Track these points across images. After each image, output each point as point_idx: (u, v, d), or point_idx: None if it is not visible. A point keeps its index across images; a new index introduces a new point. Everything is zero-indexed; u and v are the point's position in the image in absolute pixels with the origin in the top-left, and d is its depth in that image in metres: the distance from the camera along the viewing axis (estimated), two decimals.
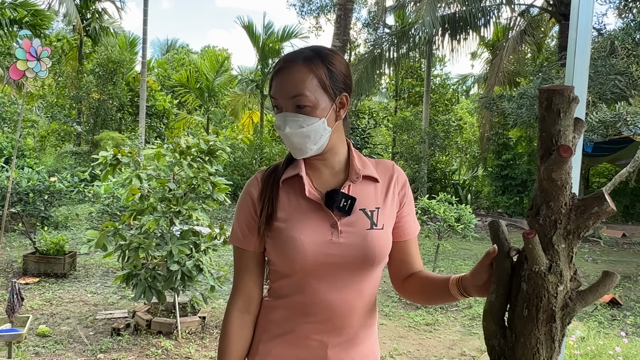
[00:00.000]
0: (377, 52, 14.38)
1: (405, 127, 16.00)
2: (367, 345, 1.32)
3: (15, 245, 7.73)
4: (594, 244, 10.54)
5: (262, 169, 1.36)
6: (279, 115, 1.23)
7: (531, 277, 0.94)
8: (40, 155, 15.71)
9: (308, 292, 1.25)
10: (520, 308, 0.96)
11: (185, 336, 4.38)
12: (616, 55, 8.34)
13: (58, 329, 4.53)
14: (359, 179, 1.28)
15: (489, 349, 1.02)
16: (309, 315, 1.26)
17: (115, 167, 4.30)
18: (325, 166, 1.30)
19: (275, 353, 1.29)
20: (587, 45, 2.28)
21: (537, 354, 0.95)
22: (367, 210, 1.27)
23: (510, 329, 0.99)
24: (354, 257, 1.23)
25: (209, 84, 20.28)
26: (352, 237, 1.24)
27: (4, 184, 6.72)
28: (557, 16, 13.68)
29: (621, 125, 7.15)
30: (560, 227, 0.94)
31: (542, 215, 0.94)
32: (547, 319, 0.94)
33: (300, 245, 1.22)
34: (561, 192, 0.93)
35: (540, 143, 0.94)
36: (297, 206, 1.26)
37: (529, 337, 0.95)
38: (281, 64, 1.23)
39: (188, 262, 4.21)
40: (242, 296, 1.32)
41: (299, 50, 1.27)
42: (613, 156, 12.96)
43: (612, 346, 4.26)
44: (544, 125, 0.93)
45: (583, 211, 0.94)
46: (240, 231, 1.32)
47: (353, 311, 1.26)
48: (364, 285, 1.27)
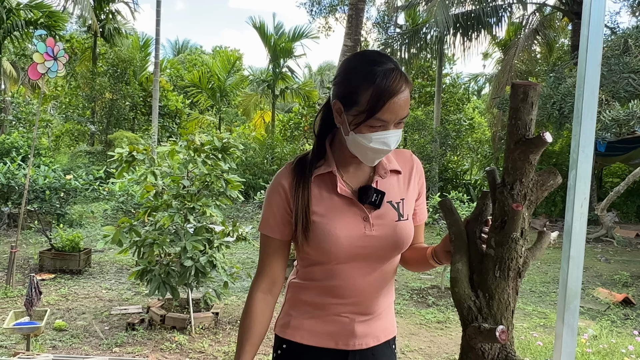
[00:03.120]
0: (388, 52, 14.38)
1: (417, 126, 15.97)
2: (387, 320, 1.46)
3: (32, 242, 7.86)
4: (607, 244, 10.46)
5: (290, 162, 1.41)
6: (389, 133, 1.25)
7: (505, 242, 1.09)
8: (54, 155, 15.91)
9: (339, 277, 1.34)
10: (492, 271, 1.10)
11: (199, 331, 4.44)
12: (630, 53, 8.28)
13: (74, 323, 4.62)
14: (387, 174, 1.37)
15: (464, 311, 1.13)
16: (339, 297, 1.37)
17: (131, 164, 4.37)
18: (357, 164, 1.36)
19: (306, 327, 1.40)
20: (599, 42, 2.29)
21: (509, 306, 1.12)
22: (393, 203, 1.36)
23: (481, 290, 1.12)
24: (385, 247, 1.34)
25: (220, 84, 20.40)
26: (383, 229, 1.34)
27: (21, 181, 6.84)
28: (570, 15, 13.59)
29: (635, 124, 7.11)
30: (527, 199, 1.10)
31: (516, 190, 1.09)
32: (514, 276, 1.11)
33: (337, 239, 1.30)
34: (531, 170, 1.09)
35: (515, 129, 1.09)
36: (330, 201, 1.33)
37: (502, 293, 1.10)
38: (400, 87, 1.22)
39: (202, 258, 4.27)
40: (266, 279, 1.40)
41: (395, 66, 1.25)
42: (626, 156, 12.85)
43: (625, 344, 4.25)
44: (520, 114, 1.09)
45: (542, 185, 1.11)
46: (273, 221, 1.37)
47: (379, 293, 1.40)
48: (388, 269, 1.40)
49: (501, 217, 1.11)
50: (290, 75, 20.13)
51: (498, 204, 1.13)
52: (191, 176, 4.50)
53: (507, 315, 1.12)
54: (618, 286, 6.88)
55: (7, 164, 7.21)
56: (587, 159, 2.30)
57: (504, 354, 1.11)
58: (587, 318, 5.40)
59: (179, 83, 21.92)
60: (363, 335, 1.39)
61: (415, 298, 5.91)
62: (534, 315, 5.49)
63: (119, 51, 17.38)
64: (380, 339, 1.43)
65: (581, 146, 2.29)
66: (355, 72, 1.26)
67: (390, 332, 1.48)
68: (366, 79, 1.22)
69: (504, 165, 1.13)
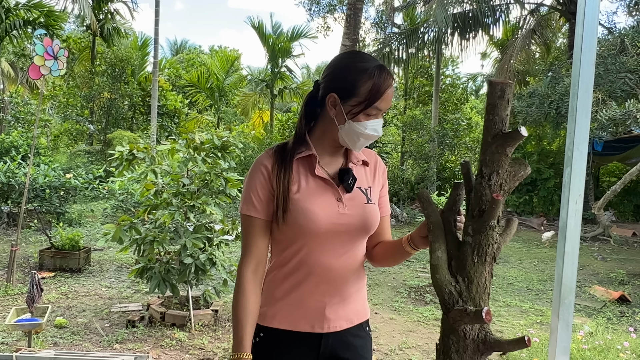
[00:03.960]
0: (386, 52, 14.42)
1: (415, 126, 16.02)
2: (359, 303, 1.55)
3: (32, 240, 7.88)
4: (604, 243, 10.52)
5: (271, 147, 1.53)
6: (380, 121, 1.44)
7: (483, 229, 1.18)
8: (53, 155, 15.93)
9: (311, 257, 1.44)
10: (470, 256, 1.19)
11: (199, 328, 4.47)
12: (626, 53, 8.34)
13: (75, 320, 4.65)
14: (359, 163, 1.52)
15: (445, 296, 1.20)
16: (311, 279, 1.45)
17: (131, 162, 4.40)
18: (332, 149, 1.50)
19: (282, 313, 1.48)
20: (594, 41, 2.33)
21: (486, 289, 1.21)
22: (362, 188, 1.50)
23: (461, 275, 1.20)
24: (356, 226, 1.46)
25: (219, 83, 20.42)
26: (355, 209, 1.46)
27: (21, 180, 6.86)
28: (566, 15, 13.64)
29: (631, 123, 7.16)
30: (502, 189, 1.19)
31: (493, 180, 1.17)
32: (490, 261, 1.20)
33: (313, 215, 1.41)
34: (507, 162, 1.17)
35: (492, 125, 1.17)
36: (307, 182, 1.45)
37: (480, 277, 1.19)
38: (390, 78, 1.42)
39: (201, 256, 4.30)
40: (253, 259, 1.47)
41: (382, 64, 1.46)
42: (623, 155, 12.91)
43: (620, 341, 4.29)
44: (497, 110, 1.17)
45: (514, 175, 1.19)
46: (256, 201, 1.46)
47: (349, 274, 1.49)
48: (357, 252, 1.51)
49: (479, 206, 1.19)
50: (289, 75, 20.17)
51: (476, 194, 1.21)
52: (191, 174, 4.54)
53: (485, 297, 1.21)
54: (614, 284, 6.94)
55: (7, 163, 7.23)
56: (582, 156, 2.34)
57: (483, 333, 1.19)
58: (584, 315, 5.45)
59: (178, 83, 21.94)
60: (335, 318, 1.48)
61: (413, 296, 5.96)
62: (531, 312, 5.54)
63: (117, 51, 17.39)
64: (353, 321, 1.52)
65: (576, 144, 2.33)
66: (352, 68, 1.42)
67: (363, 315, 1.57)
68: (364, 73, 1.40)
69: (480, 158, 1.20)
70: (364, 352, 1.55)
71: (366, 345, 1.57)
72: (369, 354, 1.58)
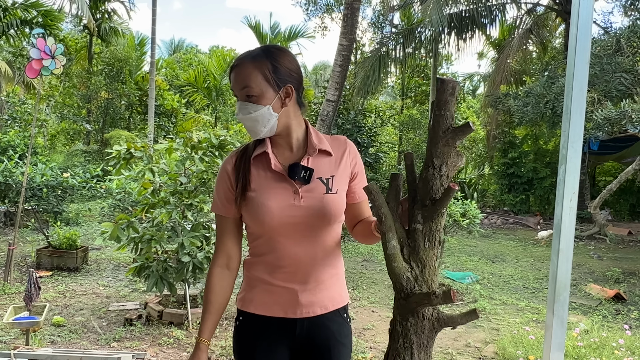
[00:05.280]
0: (383, 51, 14.44)
1: (412, 125, 16.07)
2: (334, 290, 1.60)
3: (29, 239, 7.88)
4: (600, 242, 10.57)
5: (235, 149, 1.62)
6: (237, 104, 1.51)
7: (434, 217, 1.27)
8: (50, 154, 15.90)
9: (278, 248, 1.51)
10: (422, 243, 1.28)
11: (196, 326, 4.49)
12: (622, 53, 8.37)
13: (72, 319, 4.66)
14: (316, 153, 1.54)
15: (403, 283, 1.27)
16: (280, 267, 1.53)
17: (129, 161, 4.41)
18: (286, 143, 1.55)
19: (258, 299, 1.56)
20: (588, 40, 2.36)
21: (436, 270, 1.31)
22: (323, 179, 1.53)
23: (414, 261, 1.28)
24: (313, 217, 1.50)
25: (216, 83, 20.42)
26: (311, 200, 1.50)
27: (18, 179, 6.86)
28: (563, 15, 13.69)
29: (626, 123, 7.20)
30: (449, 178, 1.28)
31: (443, 171, 1.27)
32: (438, 243, 1.29)
33: (268, 209, 1.48)
34: (453, 154, 1.27)
35: (443, 120, 1.25)
36: (264, 178, 1.52)
37: (431, 260, 1.28)
38: (234, 62, 1.50)
39: (199, 254, 4.32)
40: (223, 255, 1.59)
41: (251, 50, 1.53)
42: (619, 154, 12.97)
43: (616, 338, 4.32)
44: (448, 106, 1.25)
45: (454, 165, 1.28)
46: (219, 201, 1.58)
47: (316, 261, 1.53)
48: (324, 239, 1.54)
49: (430, 195, 1.27)
50: None
51: (425, 184, 1.27)
52: (188, 173, 4.55)
53: (435, 279, 1.30)
54: (610, 282, 6.98)
55: (5, 162, 7.23)
56: (576, 154, 2.37)
57: (436, 312, 1.29)
58: (579, 313, 5.48)
59: (175, 82, 21.92)
60: (308, 304, 1.54)
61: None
62: (527, 310, 5.57)
63: (114, 50, 17.37)
64: (328, 307, 1.57)
65: (570, 142, 2.36)
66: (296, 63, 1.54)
67: (339, 302, 1.60)
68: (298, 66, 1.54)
69: (429, 150, 1.27)
70: (342, 338, 1.59)
71: (344, 331, 1.61)
72: (348, 340, 1.62)
